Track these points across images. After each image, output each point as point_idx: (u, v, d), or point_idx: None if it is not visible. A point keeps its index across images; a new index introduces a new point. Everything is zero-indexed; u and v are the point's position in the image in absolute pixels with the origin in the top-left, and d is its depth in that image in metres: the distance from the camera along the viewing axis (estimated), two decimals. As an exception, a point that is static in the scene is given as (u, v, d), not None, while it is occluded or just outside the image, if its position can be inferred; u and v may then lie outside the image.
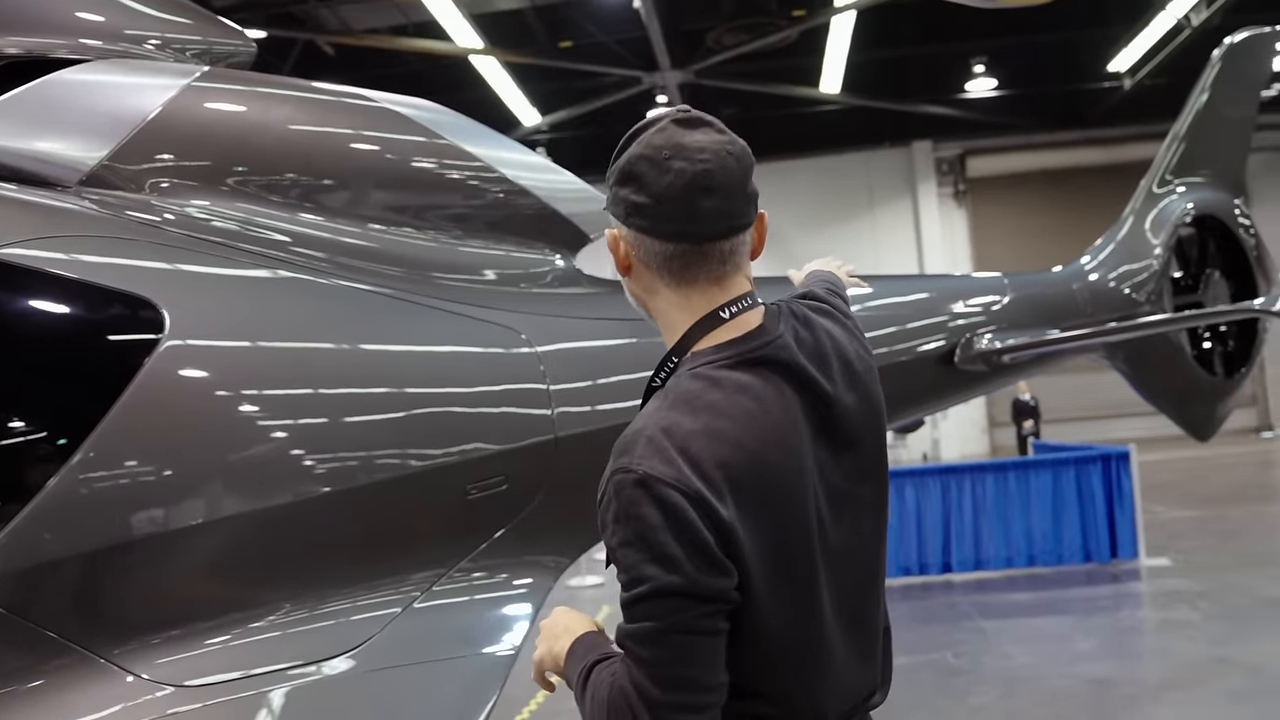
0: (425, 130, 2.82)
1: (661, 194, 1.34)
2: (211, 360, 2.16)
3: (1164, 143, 5.40)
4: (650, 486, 1.24)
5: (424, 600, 2.38)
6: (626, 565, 1.26)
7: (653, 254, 1.37)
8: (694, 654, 1.26)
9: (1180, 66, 12.95)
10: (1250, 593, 6.69)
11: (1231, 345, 5.20)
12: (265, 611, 2.12)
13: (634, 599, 1.26)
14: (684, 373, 1.34)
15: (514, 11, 12.42)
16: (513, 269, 2.94)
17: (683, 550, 1.24)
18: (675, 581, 1.24)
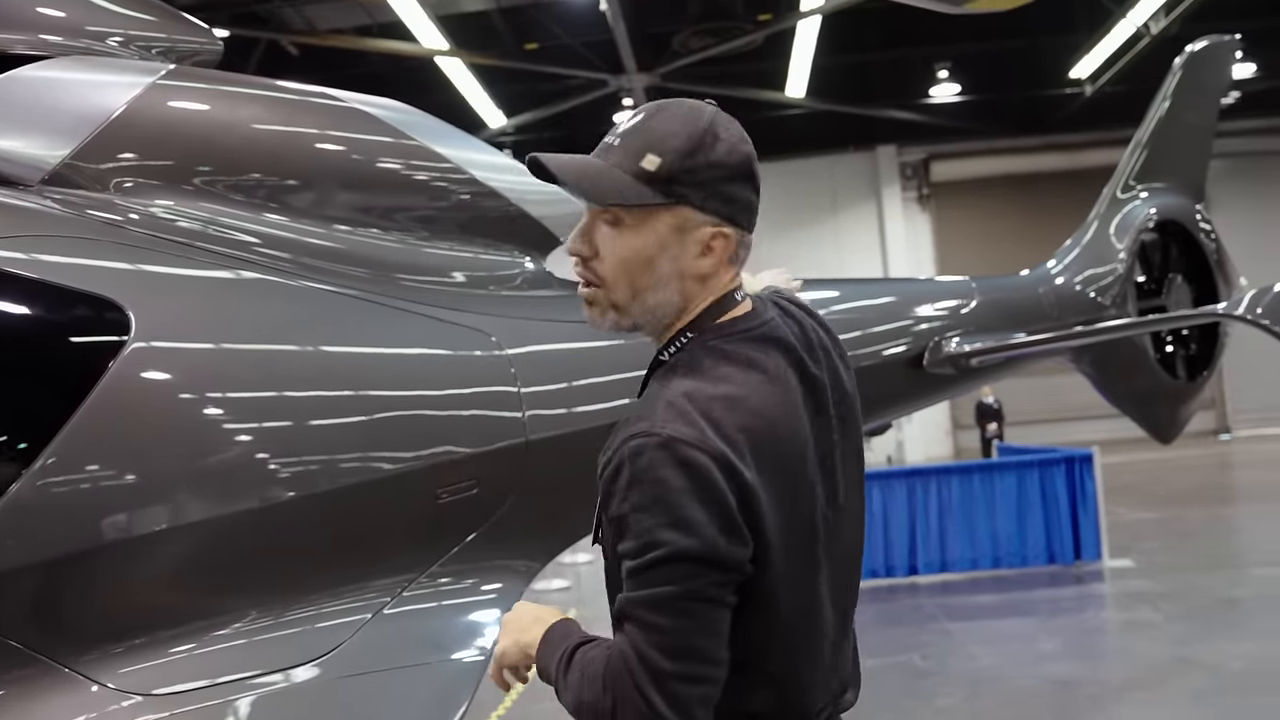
0: (394, 131, 2.79)
1: (759, 191, 1.39)
2: (178, 363, 2.12)
3: (1127, 149, 5.47)
4: (674, 448, 1.22)
5: (394, 606, 2.36)
6: (639, 530, 1.22)
7: (745, 248, 1.39)
8: (707, 623, 1.24)
9: (1140, 73, 13.11)
10: (1211, 593, 6.78)
11: (1193, 349, 5.26)
12: (233, 619, 2.09)
13: (647, 564, 1.22)
14: (695, 347, 1.35)
15: (480, 13, 12.37)
16: (482, 271, 2.92)
17: (705, 513, 1.22)
18: (694, 545, 1.21)
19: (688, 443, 1.23)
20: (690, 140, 1.33)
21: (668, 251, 1.35)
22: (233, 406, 2.15)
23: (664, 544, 1.21)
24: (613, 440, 1.28)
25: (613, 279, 1.37)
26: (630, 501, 1.23)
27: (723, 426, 1.25)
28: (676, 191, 1.33)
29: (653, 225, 1.34)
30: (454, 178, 2.86)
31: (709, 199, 1.34)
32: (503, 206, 2.95)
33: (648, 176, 1.33)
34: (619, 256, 1.36)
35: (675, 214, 1.34)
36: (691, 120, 1.34)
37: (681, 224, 1.34)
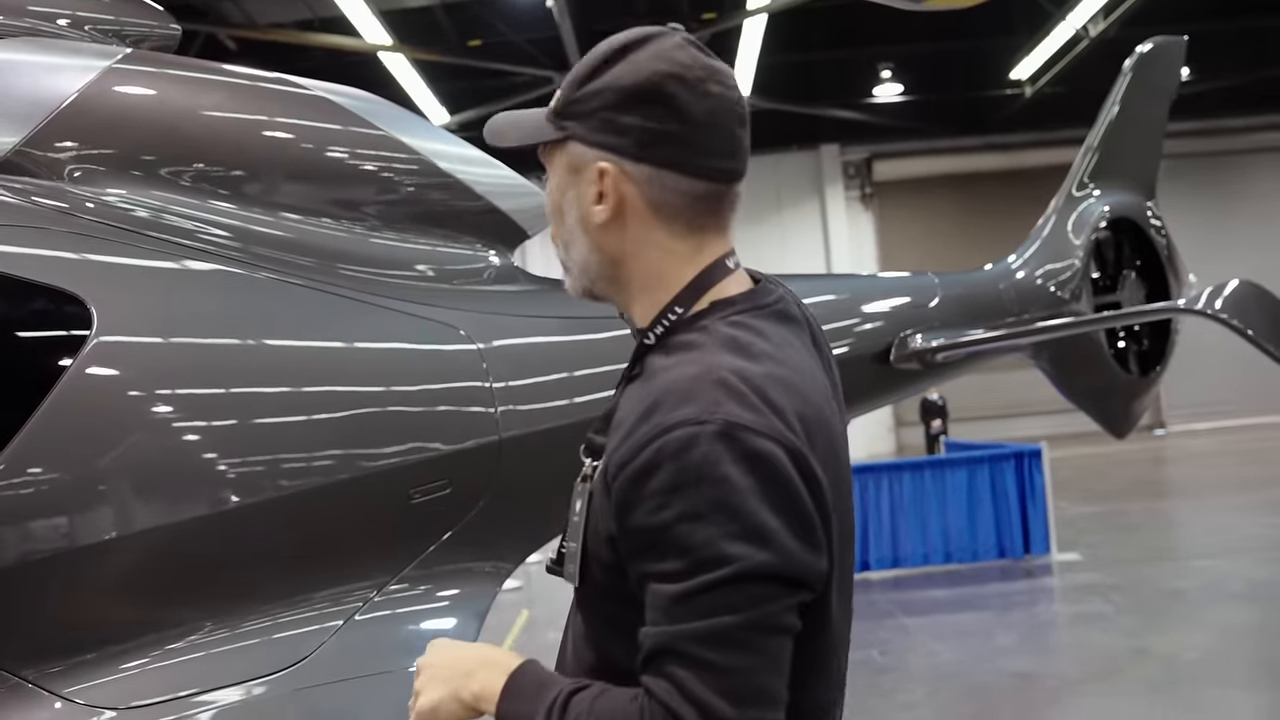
0: (360, 120, 2.70)
1: (699, 120, 1.12)
2: (144, 360, 2.03)
3: (1081, 147, 5.52)
4: (738, 438, 1.00)
5: (365, 612, 2.28)
6: (691, 545, 0.98)
7: (675, 194, 1.13)
8: (777, 659, 1.01)
9: (1078, 75, 13.35)
10: (1158, 585, 6.90)
11: (1146, 345, 5.33)
12: (205, 627, 2.00)
13: (704, 586, 0.98)
14: (713, 322, 1.12)
15: (423, 9, 12.20)
16: (448, 264, 2.84)
17: (780, 519, 1.00)
18: (769, 560, 0.99)
19: (754, 430, 1.01)
20: (588, 64, 1.15)
21: (567, 195, 1.17)
22: (199, 406, 2.06)
23: (731, 560, 0.98)
24: (634, 431, 1.04)
25: (553, 235, 1.22)
26: (675, 509, 0.99)
27: (785, 413, 1.04)
28: (564, 125, 1.15)
29: (555, 166, 1.19)
30: (420, 169, 2.78)
31: (596, 130, 1.13)
32: (470, 199, 2.88)
33: (550, 112, 1.18)
34: (548, 208, 1.22)
35: (568, 151, 1.16)
36: (610, 43, 1.15)
37: (574, 162, 1.16)
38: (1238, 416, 15.73)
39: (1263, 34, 13.26)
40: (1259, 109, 15.67)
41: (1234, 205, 16.44)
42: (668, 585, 0.99)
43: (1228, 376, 14.97)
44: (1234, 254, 14.17)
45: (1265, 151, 16.61)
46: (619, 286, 1.18)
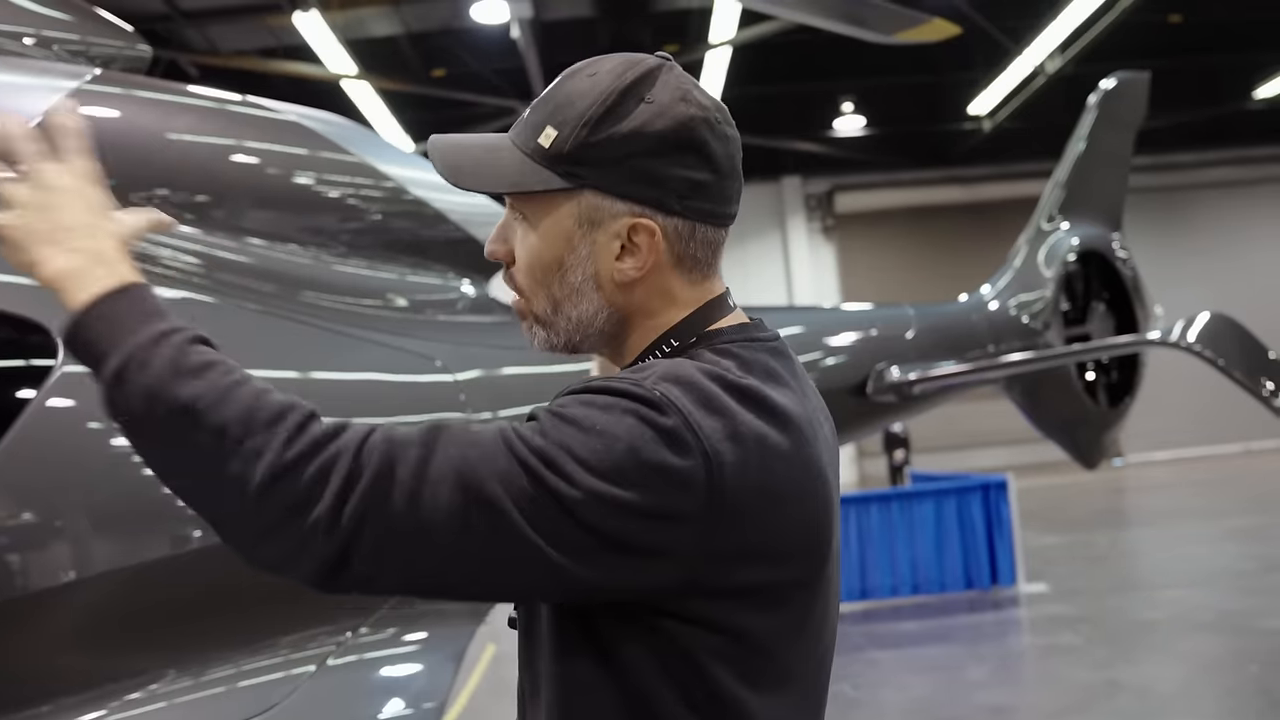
0: (334, 146, 2.65)
1: (723, 167, 1.06)
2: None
3: (1050, 181, 5.59)
4: (666, 413, 0.93)
5: (339, 656, 2.19)
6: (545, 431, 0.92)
7: (703, 245, 1.07)
8: (490, 550, 0.91)
9: (1036, 110, 13.57)
10: (1126, 616, 6.90)
11: (1115, 376, 5.37)
12: (163, 676, 1.90)
13: (528, 460, 0.90)
14: (699, 349, 1.05)
15: (387, 38, 12.16)
16: (424, 294, 2.79)
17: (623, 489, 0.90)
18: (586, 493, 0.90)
19: (687, 421, 0.93)
20: (598, 105, 1.02)
21: (576, 251, 1.05)
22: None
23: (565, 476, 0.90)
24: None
25: (529, 288, 1.08)
26: (562, 407, 0.94)
27: (727, 423, 0.95)
28: (577, 173, 1.02)
29: (555, 219, 1.04)
30: (393, 196, 2.73)
31: (626, 180, 1.02)
32: (444, 227, 2.82)
33: (544, 155, 1.03)
34: (526, 260, 1.07)
35: (580, 202, 1.04)
36: (608, 80, 1.03)
37: (590, 214, 1.04)
38: (1194, 446, 15.93)
39: (1214, 72, 13.56)
40: (1210, 145, 16.01)
41: (1185, 238, 16.73)
42: (506, 434, 0.92)
43: (1183, 407, 15.16)
44: (1185, 286, 14.38)
45: (1215, 187, 16.96)
46: (615, 341, 1.09)
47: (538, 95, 1.12)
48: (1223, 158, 16.64)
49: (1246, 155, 16.70)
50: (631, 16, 12.78)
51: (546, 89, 1.09)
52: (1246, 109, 14.60)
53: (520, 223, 1.07)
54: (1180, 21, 12.45)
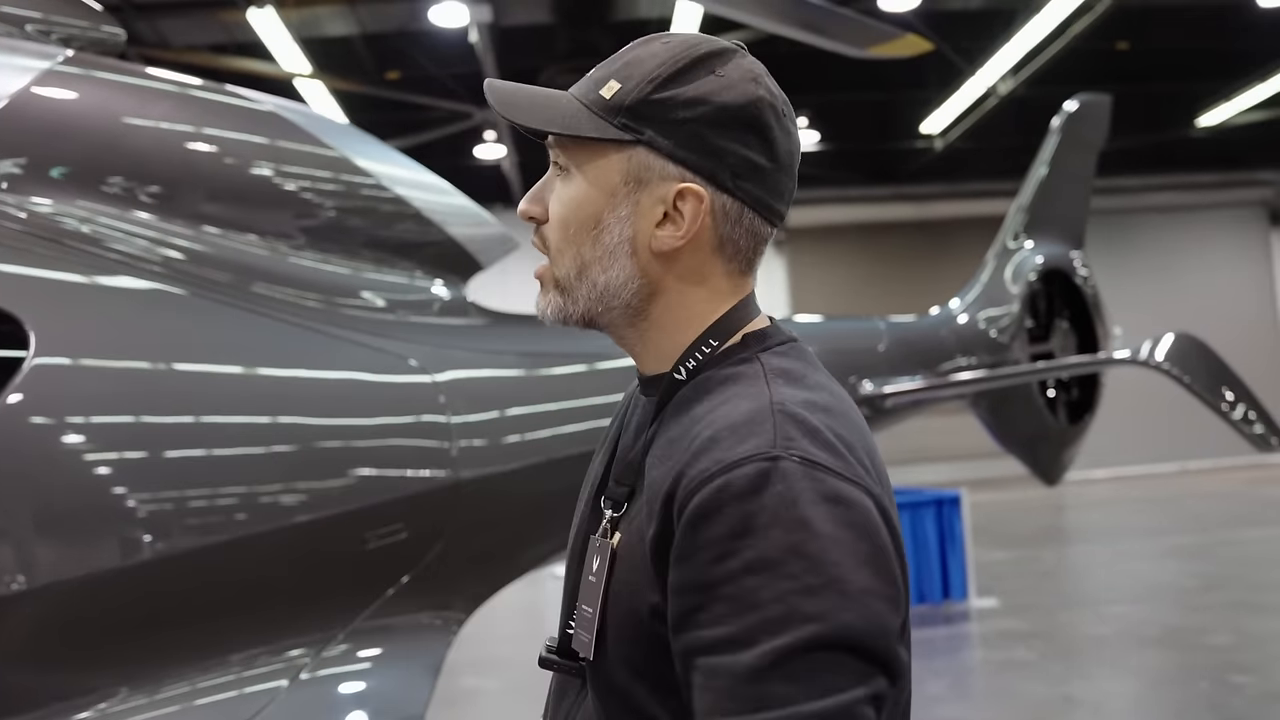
0: (312, 138, 2.57)
1: (782, 160, 1.02)
2: (86, 385, 1.85)
3: (1015, 200, 5.65)
4: (817, 478, 0.85)
5: (312, 669, 2.11)
6: (756, 601, 0.81)
7: (747, 234, 1.03)
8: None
9: (987, 131, 13.76)
10: (1076, 631, 6.98)
11: (1075, 394, 5.42)
12: (139, 686, 1.81)
13: (774, 658, 0.79)
14: (754, 354, 1.00)
15: (342, 38, 12.00)
16: (401, 294, 2.71)
17: (869, 578, 0.83)
18: (853, 624, 0.81)
19: (833, 471, 0.86)
20: (667, 65, 0.99)
21: (617, 210, 1.00)
22: (146, 439, 1.89)
23: (809, 619, 0.80)
24: (685, 472, 0.88)
25: (557, 246, 1.03)
26: (741, 557, 0.82)
27: (857, 450, 0.91)
28: (635, 127, 0.98)
29: (601, 172, 1.00)
30: (373, 193, 2.65)
31: (683, 144, 0.98)
32: (424, 226, 2.76)
33: (602, 105, 0.99)
34: (561, 214, 1.02)
35: (632, 158, 0.99)
36: (681, 47, 1.00)
37: (639, 173, 0.99)
38: (1132, 465, 16.22)
39: (1159, 99, 13.84)
40: (1153, 170, 16.35)
41: (1127, 260, 17.04)
42: (727, 657, 0.81)
43: (1123, 426, 15.42)
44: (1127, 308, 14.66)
45: (1158, 211, 17.33)
46: (637, 320, 1.04)
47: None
48: (1165, 183, 17.01)
49: (1188, 181, 17.09)
50: (591, 24, 12.74)
51: (616, 53, 1.04)
52: (1189, 136, 14.94)
53: (561, 176, 1.02)
54: (1127, 49, 12.70)
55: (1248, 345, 14.37)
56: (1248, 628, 6.58)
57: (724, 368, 1.00)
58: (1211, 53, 12.65)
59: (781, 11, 5.28)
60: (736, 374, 0.99)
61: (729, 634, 0.82)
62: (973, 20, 11.61)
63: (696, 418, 0.95)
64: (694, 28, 10.59)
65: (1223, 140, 15.30)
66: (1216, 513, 12.04)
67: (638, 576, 0.93)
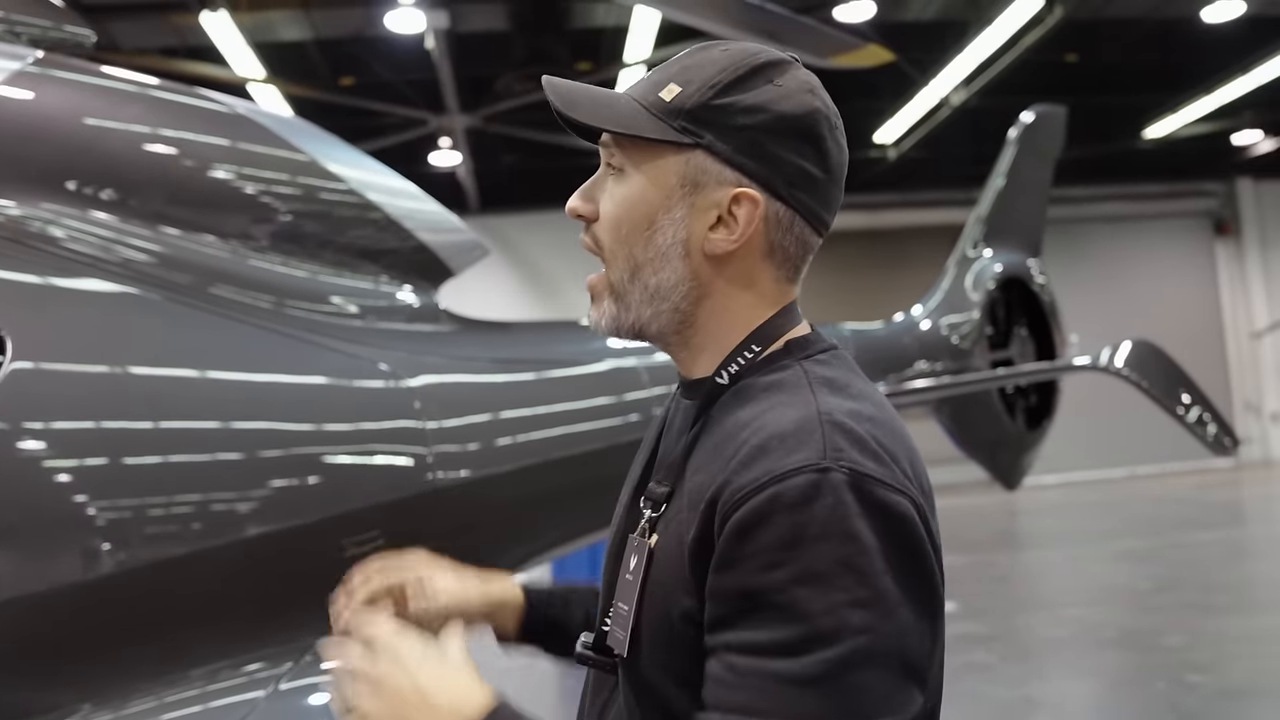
0: (283, 142, 2.55)
1: (833, 172, 1.05)
2: (63, 390, 1.81)
3: (975, 209, 5.72)
4: (866, 490, 0.86)
5: (290, 679, 2.07)
6: (807, 612, 0.82)
7: (798, 243, 1.05)
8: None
9: (939, 140, 13.93)
10: (1034, 634, 7.06)
11: (1034, 400, 5.50)
12: (107, 704, 1.76)
13: (821, 669, 0.81)
14: (796, 361, 1.02)
15: (296, 43, 11.88)
16: (372, 300, 2.69)
17: (908, 594, 0.85)
18: (893, 639, 0.84)
19: (882, 482, 0.88)
20: (728, 72, 1.01)
21: (672, 211, 1.01)
22: (125, 445, 1.85)
23: (856, 631, 0.82)
24: (733, 479, 0.89)
25: (610, 247, 1.04)
26: (790, 568, 0.83)
27: (901, 461, 0.93)
28: (694, 130, 1.00)
29: (658, 172, 1.01)
30: (344, 198, 2.64)
31: (741, 150, 1.00)
32: (395, 233, 2.74)
33: (662, 108, 1.01)
34: (615, 214, 1.03)
35: (689, 161, 1.01)
36: (741, 55, 1.03)
37: (695, 176, 1.01)
38: (1082, 470, 16.45)
39: (1107, 111, 14.10)
40: (1101, 180, 16.64)
41: (1076, 269, 17.31)
42: (772, 661, 0.83)
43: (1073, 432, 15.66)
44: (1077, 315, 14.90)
45: (1105, 221, 17.62)
46: (684, 325, 1.05)
47: (451, 108, 1.10)
48: (1113, 193, 17.32)
49: (1135, 192, 17.41)
50: (547, 32, 12.73)
51: (671, 59, 1.05)
52: (1136, 148, 15.22)
53: (615, 177, 1.03)
54: (1076, 62, 12.93)
55: (1193, 352, 14.66)
56: (1201, 628, 6.70)
57: (766, 374, 1.01)
58: (1158, 66, 12.92)
59: (741, 19, 5.31)
60: (780, 381, 1.00)
61: (777, 639, 0.83)
62: (926, 32, 11.77)
63: (741, 424, 0.96)
64: (651, 37, 10.62)
65: (1169, 152, 15.62)
66: (1166, 516, 12.26)
67: (672, 578, 0.94)
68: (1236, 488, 14.90)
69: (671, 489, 0.99)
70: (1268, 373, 17.88)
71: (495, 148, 14.48)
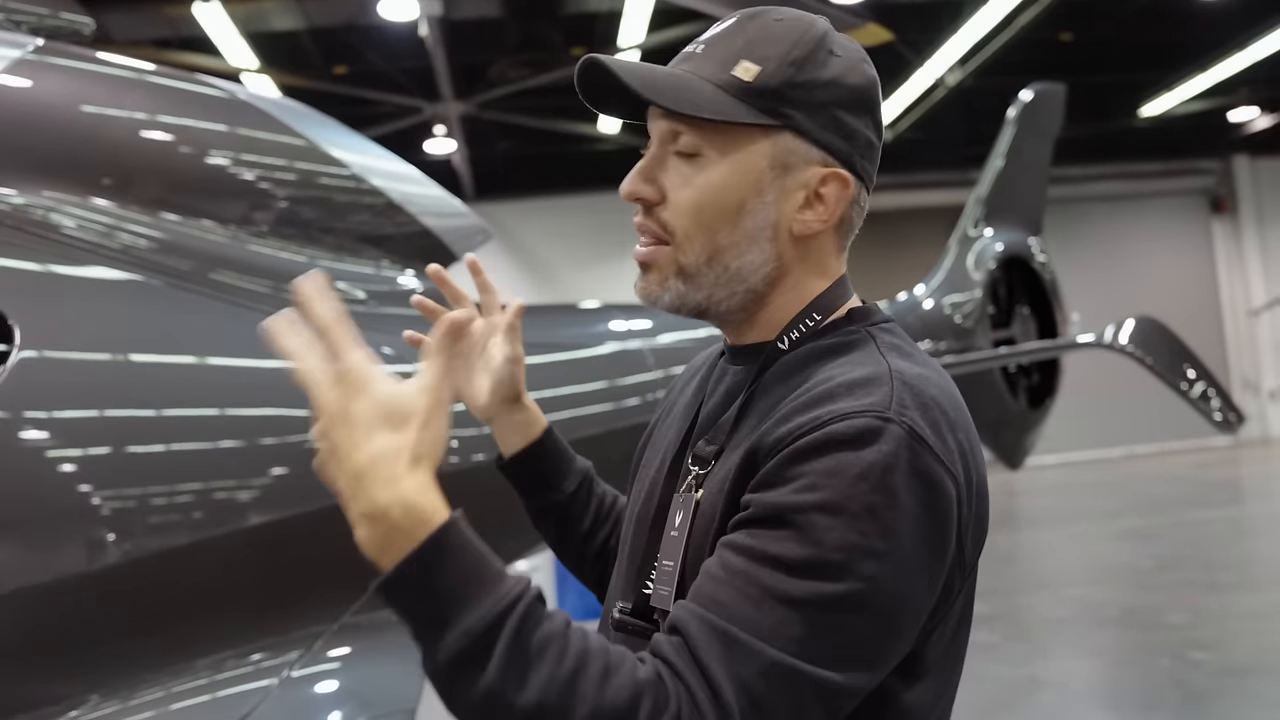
0: (284, 127, 2.53)
1: (882, 137, 1.07)
2: (74, 380, 1.80)
3: (975, 190, 5.71)
4: (918, 453, 0.87)
5: (302, 666, 2.07)
6: (820, 539, 0.83)
7: (862, 212, 1.06)
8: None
9: (935, 121, 13.90)
10: (1037, 613, 7.07)
11: (1036, 379, 5.50)
12: (115, 694, 1.76)
13: (825, 599, 0.82)
14: (861, 327, 1.02)
15: (289, 32, 11.82)
16: (375, 285, 2.67)
17: (926, 562, 0.88)
18: (895, 597, 0.85)
19: (935, 453, 0.88)
20: (800, 46, 0.99)
21: (763, 195, 0.99)
22: (137, 433, 1.84)
23: (862, 579, 0.83)
24: (792, 417, 0.90)
25: (685, 231, 1.01)
26: (822, 493, 0.84)
27: (959, 434, 0.93)
28: (782, 111, 0.98)
29: (745, 156, 0.99)
30: (346, 183, 2.62)
31: (824, 127, 1.00)
32: (398, 217, 2.72)
33: (742, 89, 0.98)
34: (695, 199, 1.00)
35: (777, 142, 0.99)
36: (801, 27, 1.01)
37: (784, 157, 1.00)
38: (1081, 450, 16.48)
39: (1101, 90, 14.06)
40: (1097, 159, 16.62)
41: (1073, 248, 17.32)
42: (765, 571, 0.84)
43: (1072, 412, 15.70)
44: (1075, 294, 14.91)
45: (1101, 200, 17.62)
46: (754, 304, 1.05)
47: (445, 95, 1.08)
48: (1109, 172, 17.30)
49: (1131, 170, 17.40)
50: (540, 17, 12.68)
51: (719, 30, 1.01)
52: (1132, 126, 15.19)
53: (688, 160, 1.00)
54: (1072, 40, 12.90)
55: (1191, 330, 14.66)
56: (1203, 606, 6.71)
57: (830, 339, 1.02)
58: (1153, 44, 12.88)
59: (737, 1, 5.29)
60: (848, 344, 1.00)
61: (781, 554, 0.84)
62: (920, 12, 11.72)
63: (809, 380, 0.96)
64: (644, 21, 10.58)
65: (1165, 130, 15.59)
66: (1166, 495, 12.29)
67: (711, 529, 0.94)
68: (1235, 465, 14.93)
69: (721, 447, 0.99)
70: (1265, 350, 17.91)
71: (490, 135, 14.43)
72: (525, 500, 1.35)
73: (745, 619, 0.82)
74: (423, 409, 0.83)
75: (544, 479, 1.32)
